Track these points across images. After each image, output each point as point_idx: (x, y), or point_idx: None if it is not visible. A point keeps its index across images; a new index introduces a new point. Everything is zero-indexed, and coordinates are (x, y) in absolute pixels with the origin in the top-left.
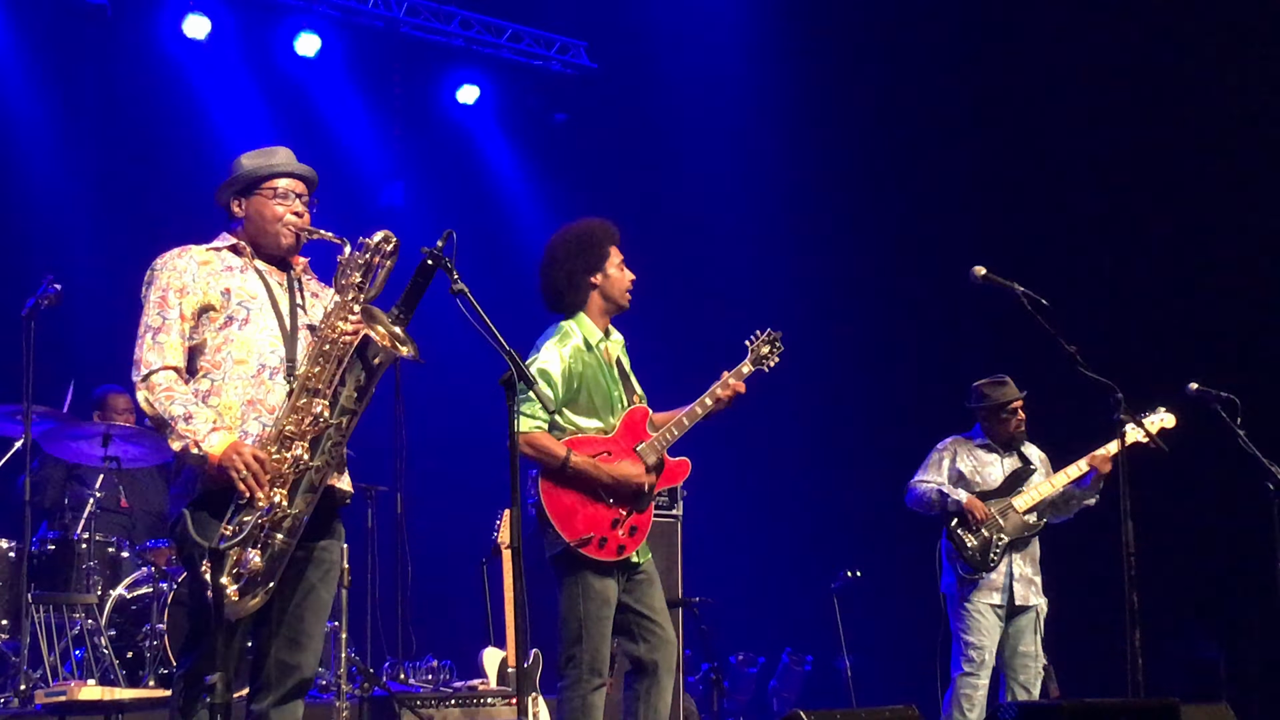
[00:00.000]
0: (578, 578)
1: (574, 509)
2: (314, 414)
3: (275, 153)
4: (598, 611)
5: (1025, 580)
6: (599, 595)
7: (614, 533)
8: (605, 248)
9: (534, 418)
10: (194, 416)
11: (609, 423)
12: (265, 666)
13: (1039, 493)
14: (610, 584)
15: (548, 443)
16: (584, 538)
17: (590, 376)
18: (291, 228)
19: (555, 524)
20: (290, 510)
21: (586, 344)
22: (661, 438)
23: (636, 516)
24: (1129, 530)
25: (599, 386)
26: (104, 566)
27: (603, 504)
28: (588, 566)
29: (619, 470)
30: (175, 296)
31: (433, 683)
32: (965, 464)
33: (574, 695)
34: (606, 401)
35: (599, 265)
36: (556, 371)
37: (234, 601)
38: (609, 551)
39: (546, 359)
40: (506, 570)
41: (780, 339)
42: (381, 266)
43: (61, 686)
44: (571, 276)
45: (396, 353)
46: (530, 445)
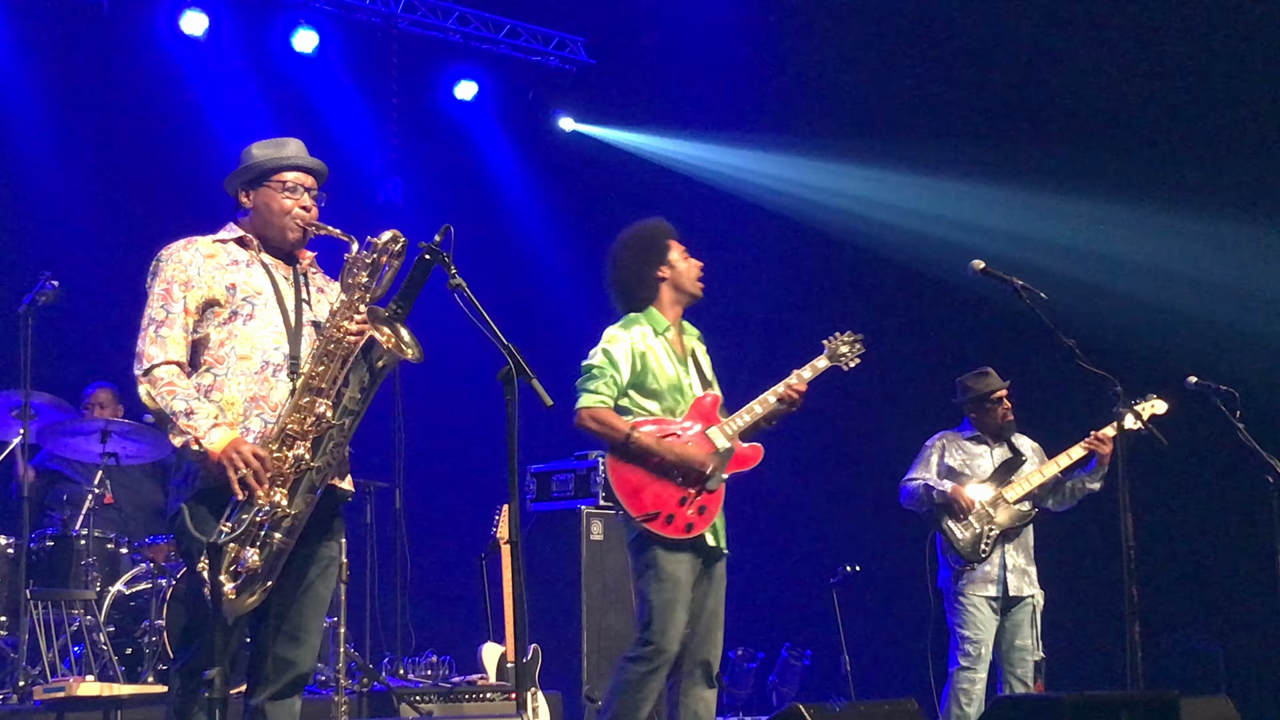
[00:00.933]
0: (648, 558)
1: (640, 485)
2: (317, 414)
3: (286, 144)
4: (668, 593)
5: (1019, 571)
6: (670, 576)
7: (682, 510)
8: (664, 242)
9: (599, 394)
10: (195, 412)
11: (677, 407)
12: (263, 662)
13: (1030, 482)
14: (684, 564)
15: (610, 418)
16: (650, 513)
17: (656, 361)
18: (299, 222)
19: (622, 499)
20: (290, 510)
21: (653, 330)
22: (732, 422)
23: (706, 496)
24: (1128, 523)
25: (664, 371)
26: (102, 563)
27: (669, 481)
28: (659, 545)
29: (681, 449)
30: (180, 290)
31: (432, 678)
32: (954, 458)
33: (633, 669)
34: (674, 387)
35: (663, 258)
36: (619, 353)
37: (231, 600)
38: (676, 528)
39: (610, 340)
40: (505, 565)
41: (862, 340)
42: (389, 266)
43: (60, 683)
44: (639, 273)
45: (401, 356)
46: (595, 420)
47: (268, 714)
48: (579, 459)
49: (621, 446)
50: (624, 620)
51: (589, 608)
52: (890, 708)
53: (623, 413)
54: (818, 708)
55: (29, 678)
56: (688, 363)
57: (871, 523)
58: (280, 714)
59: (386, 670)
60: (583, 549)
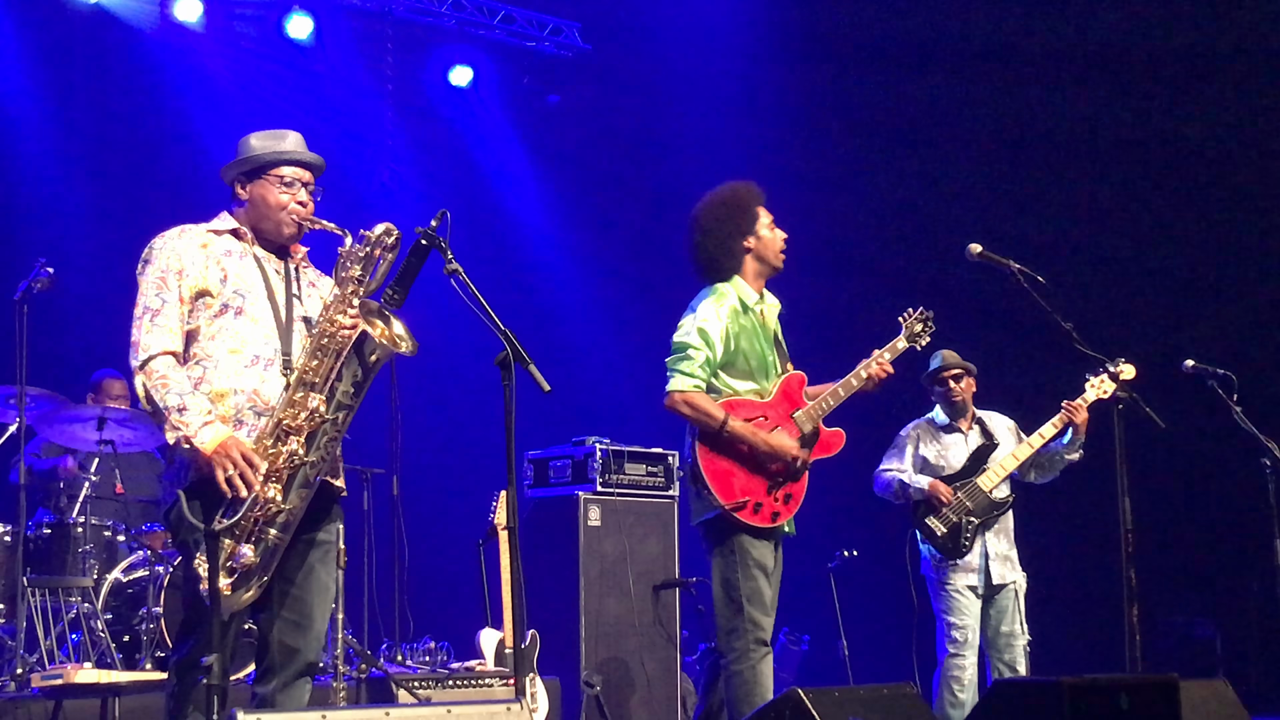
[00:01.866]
0: (734, 545)
1: (731, 473)
2: (310, 408)
3: (285, 137)
4: (757, 580)
5: (1001, 558)
6: (757, 563)
7: (769, 499)
8: (754, 209)
9: (693, 376)
10: (188, 409)
11: (765, 387)
12: (269, 651)
13: (1003, 468)
14: (768, 551)
15: (706, 404)
16: (739, 501)
17: (746, 339)
18: (295, 218)
19: (712, 486)
20: (284, 505)
21: (743, 305)
22: (817, 407)
23: (792, 485)
24: (1126, 507)
25: (755, 350)
26: (99, 550)
27: (759, 470)
28: (744, 532)
29: (775, 439)
30: (174, 279)
31: (430, 664)
32: (929, 449)
33: (742, 668)
34: (762, 365)
35: (750, 228)
36: (715, 332)
37: (228, 595)
38: (763, 517)
39: (705, 317)
40: (503, 551)
41: (931, 319)
42: (382, 259)
43: (58, 670)
44: (724, 243)
45: (395, 349)
46: (689, 405)
47: (277, 702)
48: (576, 445)
49: (715, 434)
50: (622, 605)
51: (586, 594)
52: (889, 692)
53: (710, 392)
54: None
55: (27, 665)
56: (772, 339)
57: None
58: (289, 701)
59: (384, 657)
60: (580, 535)
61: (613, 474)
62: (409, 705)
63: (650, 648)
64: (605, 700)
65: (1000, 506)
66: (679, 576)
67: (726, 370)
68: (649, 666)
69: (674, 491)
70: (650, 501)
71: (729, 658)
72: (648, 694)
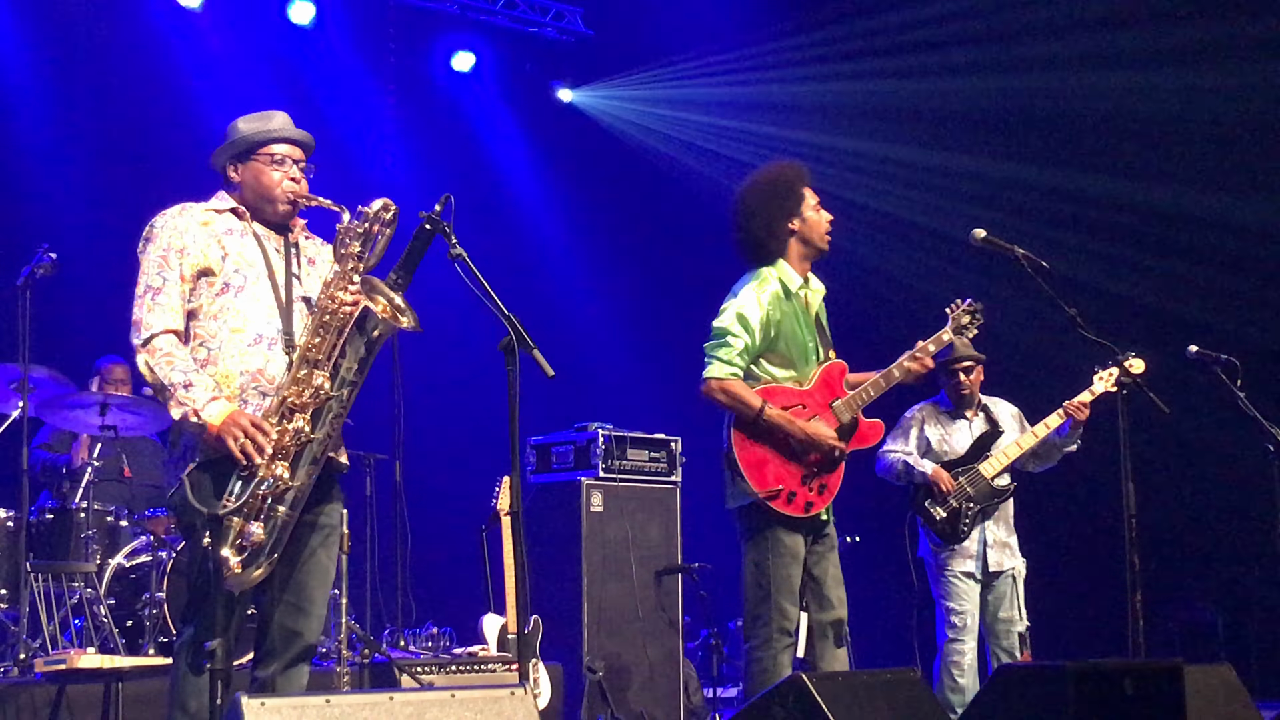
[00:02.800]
0: (766, 533)
1: (765, 461)
2: (315, 386)
3: (272, 117)
4: (786, 569)
5: (999, 545)
6: (788, 551)
7: (804, 489)
8: (799, 190)
9: (731, 364)
10: (194, 385)
11: (804, 374)
12: (269, 633)
13: (1006, 456)
14: (799, 540)
15: (743, 391)
16: (773, 490)
17: (787, 325)
18: (289, 195)
19: (746, 474)
20: (292, 483)
21: (785, 291)
22: (857, 397)
23: (827, 475)
24: (1130, 492)
25: (795, 336)
26: (102, 535)
27: (794, 459)
28: (777, 522)
29: (812, 428)
30: (176, 257)
31: (432, 649)
32: (933, 432)
33: (763, 655)
34: (803, 353)
35: (796, 209)
36: (755, 318)
37: (238, 574)
38: (797, 507)
39: (745, 303)
40: (506, 537)
41: (981, 310)
42: (381, 235)
43: (61, 655)
44: (770, 224)
45: (396, 324)
46: (725, 392)
47: (277, 685)
48: (579, 430)
49: (751, 421)
50: (624, 591)
51: (589, 579)
52: (892, 676)
53: (748, 378)
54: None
55: (30, 650)
56: (814, 325)
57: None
58: (289, 685)
59: (387, 642)
60: (583, 521)
61: (615, 459)
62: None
63: (653, 633)
64: (607, 686)
65: (1001, 494)
66: (681, 562)
67: (766, 357)
68: (651, 652)
69: (676, 477)
70: (653, 487)
71: (752, 643)
72: (650, 680)
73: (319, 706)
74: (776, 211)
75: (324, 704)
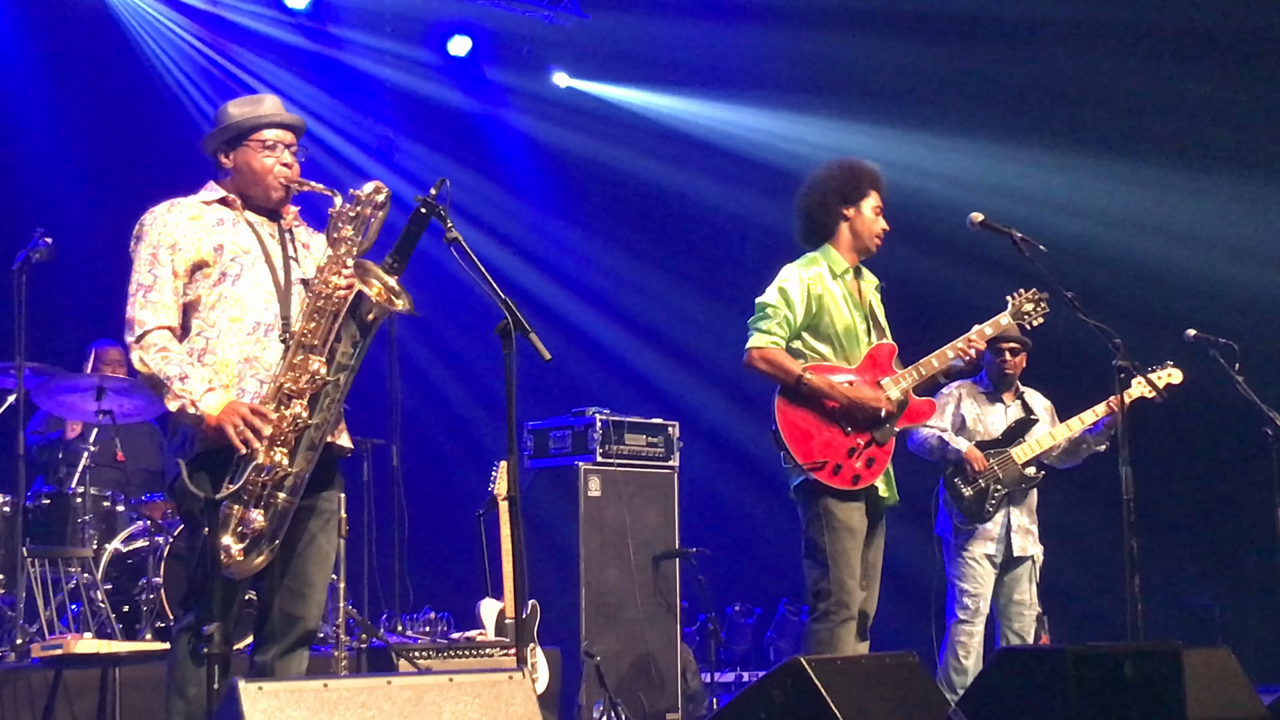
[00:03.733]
0: (820, 508)
1: (809, 432)
2: (311, 371)
3: (262, 101)
4: (843, 543)
5: (1022, 531)
6: (843, 525)
7: (850, 461)
8: (865, 187)
9: (771, 334)
10: (189, 376)
11: (853, 355)
12: (269, 618)
13: (1039, 444)
14: (855, 513)
15: (783, 359)
16: (818, 462)
17: (832, 303)
18: (281, 180)
19: (789, 444)
20: (291, 469)
21: (831, 271)
22: (907, 374)
23: (875, 449)
24: (1128, 477)
25: (840, 315)
26: (99, 520)
27: (839, 429)
28: (830, 495)
29: (854, 391)
30: (167, 253)
31: (430, 634)
32: (969, 410)
33: (821, 628)
34: (850, 332)
35: (855, 199)
36: (795, 292)
37: (240, 561)
38: (844, 479)
39: (786, 278)
40: (503, 522)
41: (1045, 300)
42: (374, 218)
43: (58, 640)
44: (825, 201)
45: (391, 307)
46: (766, 361)
47: (276, 670)
48: (576, 416)
49: (792, 388)
50: (622, 576)
51: (587, 564)
52: (891, 660)
53: (794, 355)
54: (819, 661)
55: (27, 635)
56: (864, 309)
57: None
58: (289, 669)
59: (384, 627)
60: (581, 505)
61: (613, 444)
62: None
63: (650, 618)
64: (605, 670)
65: (1029, 481)
66: (679, 547)
67: (810, 332)
68: (649, 637)
69: (674, 462)
70: (651, 472)
71: (812, 616)
72: (648, 664)
73: (316, 691)
74: (836, 194)
75: (321, 688)
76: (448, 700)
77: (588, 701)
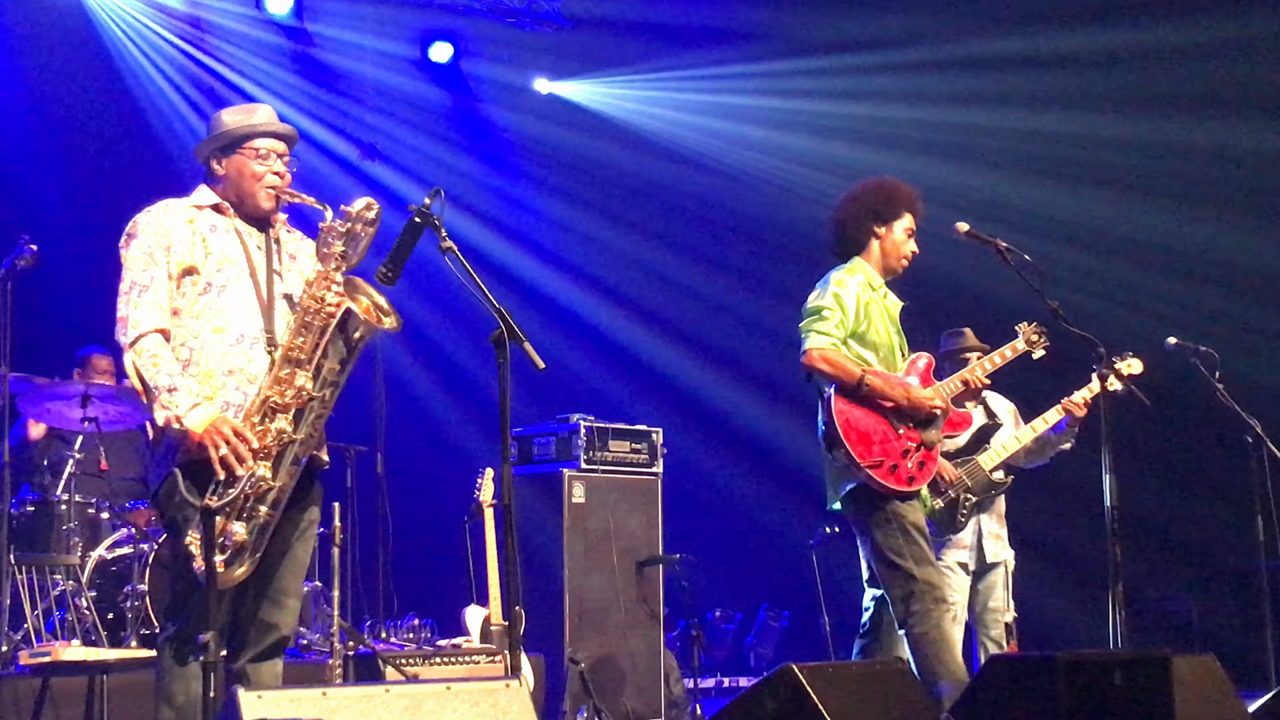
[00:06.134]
0: (889, 513)
1: (869, 432)
2: (297, 386)
3: (256, 110)
4: (919, 543)
5: (993, 537)
6: (915, 526)
7: (904, 461)
8: (901, 209)
9: (830, 335)
10: (177, 389)
11: (891, 364)
12: (245, 625)
13: (1005, 449)
14: (918, 512)
15: (844, 360)
16: (877, 460)
17: (876, 314)
18: (272, 189)
19: (849, 444)
20: (274, 483)
21: (869, 284)
22: (946, 386)
23: (925, 452)
24: (1112, 485)
25: (883, 326)
26: (84, 528)
27: (893, 430)
28: (892, 497)
29: (914, 392)
30: (162, 254)
31: (414, 641)
32: None
33: (927, 628)
34: (889, 347)
35: (889, 219)
36: (849, 298)
37: (221, 572)
38: (900, 479)
39: (840, 281)
40: (488, 529)
41: (1045, 334)
42: (364, 234)
43: (45, 648)
44: (859, 216)
45: (379, 326)
46: (826, 361)
47: (250, 676)
48: (560, 422)
49: (853, 389)
50: (606, 582)
51: (571, 570)
52: (881, 667)
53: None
54: (811, 668)
55: (12, 643)
56: (896, 325)
57: None
58: (263, 675)
59: (369, 634)
60: (565, 512)
61: (597, 451)
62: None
63: (634, 624)
64: (589, 676)
65: (998, 487)
66: (663, 553)
67: (857, 339)
68: (633, 643)
69: (658, 469)
70: (634, 479)
71: (910, 622)
72: (632, 670)
73: (315, 699)
74: (870, 210)
75: (320, 696)
76: (445, 708)
77: (572, 707)
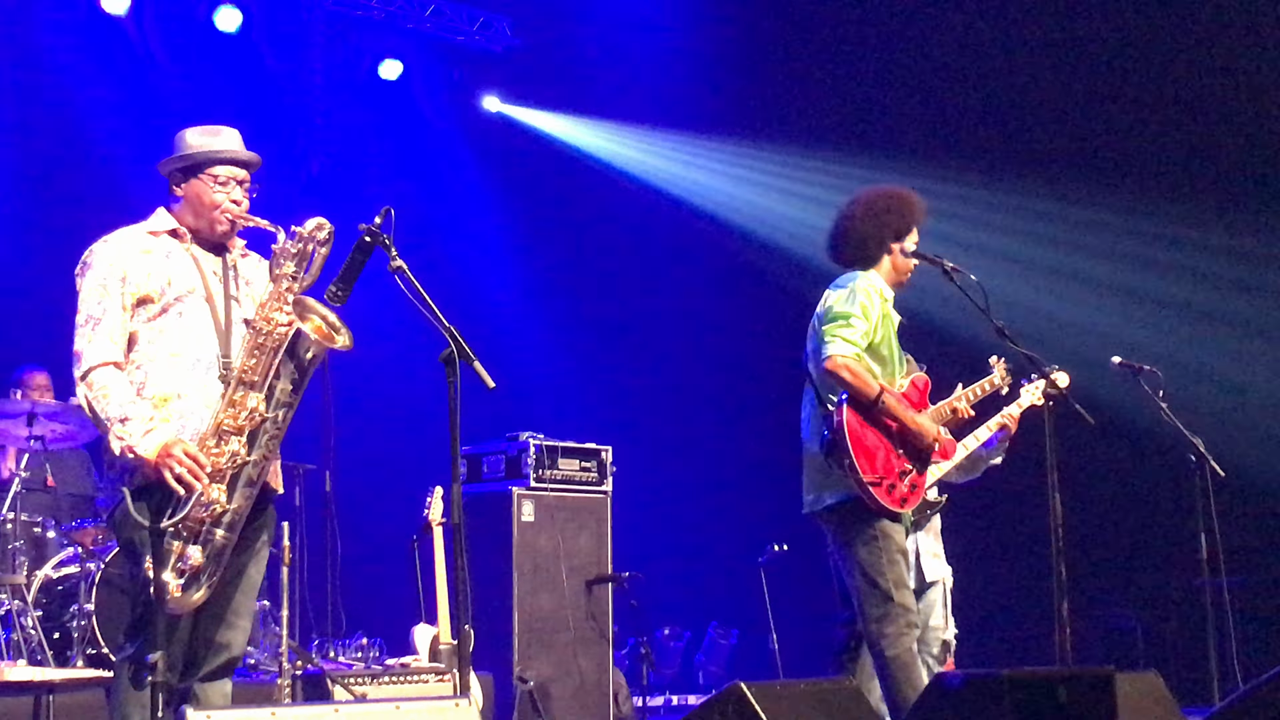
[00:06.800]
0: (873, 529)
1: (877, 448)
2: (250, 408)
3: (220, 133)
4: (899, 568)
5: (930, 555)
6: (898, 548)
7: (900, 483)
8: (912, 222)
9: (855, 345)
10: (129, 419)
11: (895, 378)
12: (196, 645)
13: (939, 467)
14: (902, 535)
15: (865, 372)
16: (877, 477)
17: (889, 328)
18: (229, 216)
19: (856, 456)
20: (230, 506)
21: (883, 295)
22: (938, 413)
23: (917, 476)
24: (1057, 503)
25: (892, 342)
26: (30, 547)
27: (894, 450)
28: (882, 515)
29: (921, 419)
30: (117, 285)
31: (362, 660)
32: None
33: (899, 651)
34: (894, 361)
35: (903, 234)
36: (874, 309)
37: (177, 597)
38: (895, 500)
39: (867, 292)
40: (437, 547)
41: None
42: (316, 254)
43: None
44: (878, 229)
45: (330, 345)
46: (850, 371)
47: (199, 696)
48: (509, 440)
49: (868, 404)
50: (555, 601)
51: (520, 589)
52: (830, 686)
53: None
54: (760, 687)
55: None
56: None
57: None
58: (213, 695)
59: (317, 653)
60: (514, 530)
61: (546, 469)
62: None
63: (583, 643)
64: (538, 696)
65: (933, 507)
66: (612, 572)
67: (871, 353)
68: (582, 662)
69: (607, 487)
70: (583, 497)
71: (882, 644)
72: (580, 689)
73: (264, 719)
74: (886, 222)
75: (269, 716)
76: None
77: None
